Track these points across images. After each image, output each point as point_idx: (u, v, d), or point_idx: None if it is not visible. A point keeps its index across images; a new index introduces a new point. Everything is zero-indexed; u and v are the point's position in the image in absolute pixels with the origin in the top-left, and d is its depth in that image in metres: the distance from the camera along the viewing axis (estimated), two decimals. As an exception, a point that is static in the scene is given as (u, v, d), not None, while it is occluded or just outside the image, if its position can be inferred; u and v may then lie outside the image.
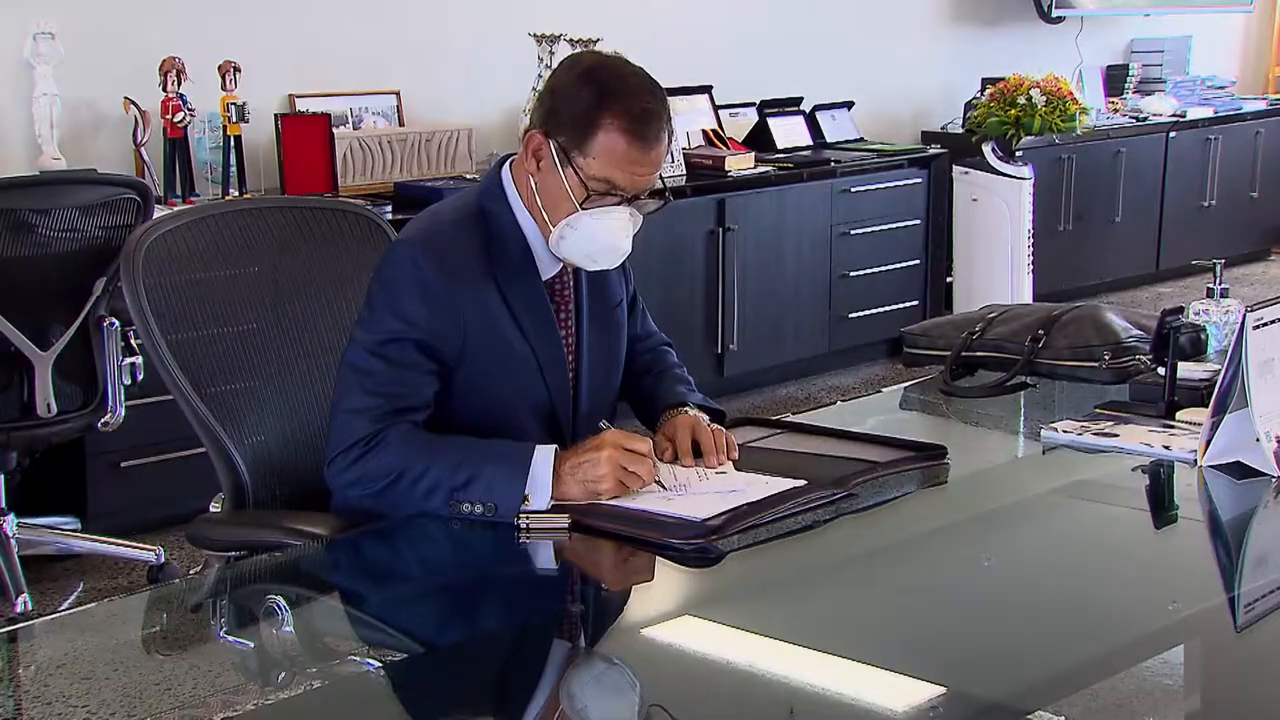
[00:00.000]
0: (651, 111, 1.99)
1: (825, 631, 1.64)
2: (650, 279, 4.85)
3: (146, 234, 2.16)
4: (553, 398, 2.09)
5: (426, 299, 1.98)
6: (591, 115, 1.97)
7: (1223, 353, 2.33)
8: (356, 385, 1.98)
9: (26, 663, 1.64)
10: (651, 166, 2.01)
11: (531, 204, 2.06)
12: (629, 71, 2.03)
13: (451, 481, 1.90)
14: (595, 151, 1.98)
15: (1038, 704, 1.45)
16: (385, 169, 4.62)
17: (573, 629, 1.73)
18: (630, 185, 2.01)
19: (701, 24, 5.78)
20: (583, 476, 1.90)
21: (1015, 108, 5.62)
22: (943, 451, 2.14)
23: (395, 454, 1.93)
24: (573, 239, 2.03)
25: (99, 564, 3.76)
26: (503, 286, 2.04)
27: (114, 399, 3.43)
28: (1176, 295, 6.81)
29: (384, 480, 1.93)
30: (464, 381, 2.03)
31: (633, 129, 1.97)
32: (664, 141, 2.01)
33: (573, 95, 2.00)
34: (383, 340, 1.98)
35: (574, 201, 2.00)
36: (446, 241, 2.04)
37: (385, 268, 2.03)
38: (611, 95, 1.98)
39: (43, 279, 3.31)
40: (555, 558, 1.90)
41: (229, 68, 4.33)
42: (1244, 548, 1.96)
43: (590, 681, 1.54)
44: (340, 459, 1.96)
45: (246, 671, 1.59)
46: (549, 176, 2.02)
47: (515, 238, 2.07)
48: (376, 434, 1.94)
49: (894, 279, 5.75)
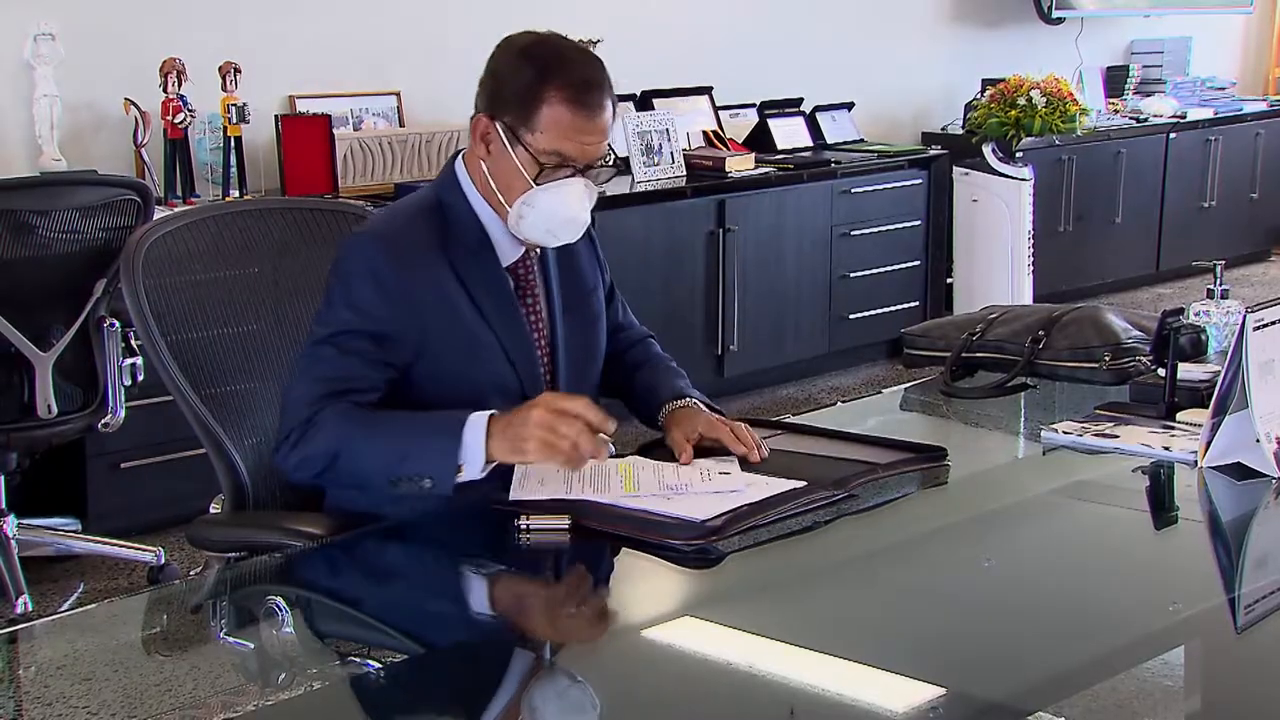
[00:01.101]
0: (593, 80, 2.03)
1: (825, 632, 1.64)
2: (650, 279, 4.86)
3: (147, 235, 2.16)
4: (524, 384, 2.09)
5: (380, 289, 2.00)
6: (534, 90, 2.01)
7: (1223, 354, 2.33)
8: (303, 373, 2.00)
9: (27, 664, 1.64)
10: (599, 134, 2.04)
11: (486, 190, 2.08)
12: (566, 45, 2.08)
13: (387, 458, 1.91)
14: (542, 126, 2.01)
15: (1038, 705, 1.45)
16: (386, 170, 4.62)
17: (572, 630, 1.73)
18: (580, 155, 2.03)
19: (702, 25, 5.78)
20: (511, 435, 1.89)
21: (1015, 109, 5.62)
22: (943, 452, 2.14)
23: (331, 435, 1.94)
24: (531, 216, 2.04)
25: (99, 565, 3.76)
26: (461, 273, 2.06)
27: (114, 400, 3.43)
28: (1177, 296, 6.81)
29: (323, 462, 1.95)
30: (429, 370, 2.04)
31: (576, 98, 2.00)
32: (608, 109, 2.04)
33: (513, 74, 2.03)
34: (335, 331, 2.00)
35: (527, 178, 2.02)
36: (400, 232, 2.06)
37: (339, 261, 2.05)
38: (551, 68, 2.01)
39: (43, 280, 3.31)
40: (555, 559, 1.89)
41: (229, 69, 4.33)
42: (1244, 549, 1.95)
43: (554, 698, 1.52)
44: (285, 444, 1.98)
45: (247, 672, 1.59)
46: (500, 158, 2.04)
47: (472, 226, 2.09)
48: (313, 415, 1.96)
49: (894, 280, 5.75)
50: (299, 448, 1.96)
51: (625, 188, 4.96)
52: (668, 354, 2.35)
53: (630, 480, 1.97)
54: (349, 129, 4.67)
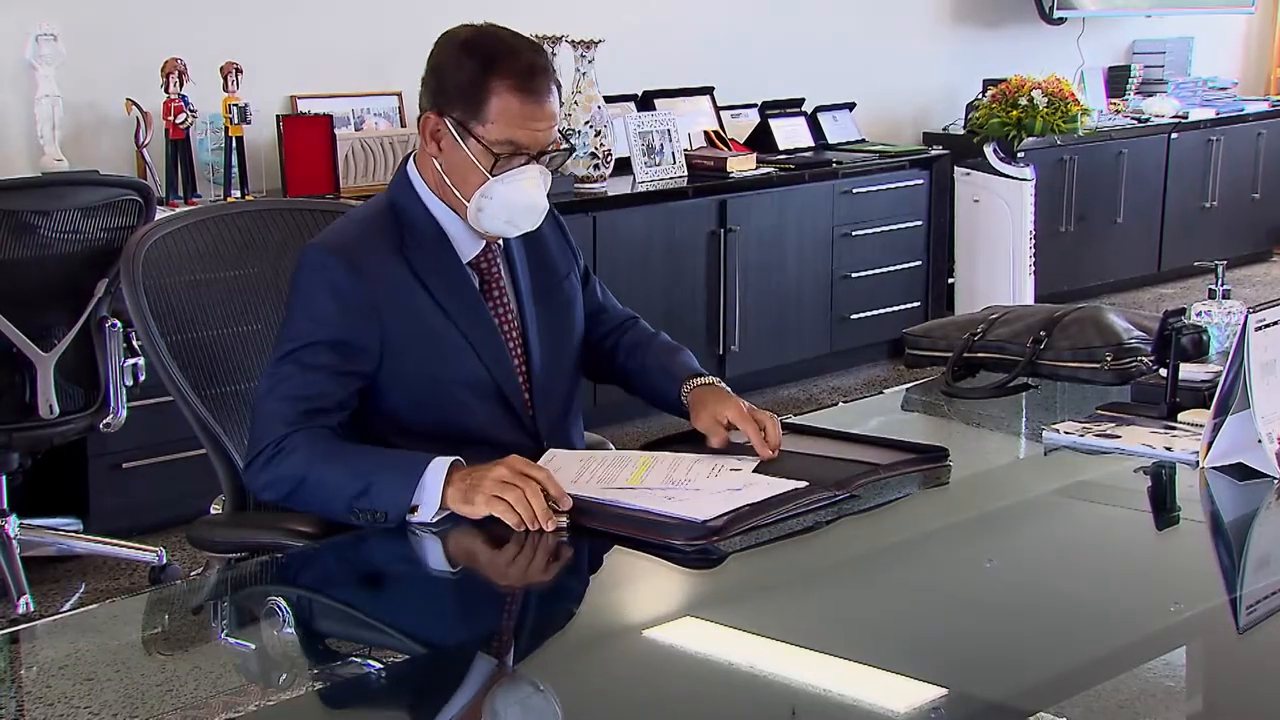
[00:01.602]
0: (537, 65, 2.04)
1: (827, 632, 1.63)
2: (651, 280, 4.86)
3: (148, 235, 2.17)
4: (495, 377, 2.09)
5: (336, 297, 2.00)
6: (479, 82, 2.02)
7: (1224, 354, 2.33)
8: (269, 391, 2.00)
9: (28, 664, 1.64)
10: (549, 120, 2.05)
11: (440, 188, 2.08)
12: (506, 34, 2.08)
13: (348, 489, 1.91)
14: (491, 117, 2.02)
15: (1039, 705, 1.45)
16: (387, 170, 4.61)
17: (573, 630, 1.73)
18: (532, 142, 2.04)
19: (703, 25, 5.78)
20: (465, 486, 1.87)
21: (1017, 109, 5.61)
22: (944, 453, 2.14)
23: (299, 460, 1.95)
24: (490, 208, 2.05)
25: (100, 565, 3.76)
26: (421, 274, 2.06)
27: (116, 400, 3.43)
28: (1178, 296, 6.80)
29: (289, 485, 1.95)
30: (395, 372, 2.04)
31: (522, 85, 2.01)
32: (554, 93, 2.06)
33: (456, 68, 2.04)
34: (295, 346, 2.00)
35: (483, 170, 2.03)
36: (353, 239, 2.06)
37: (296, 273, 2.05)
38: (494, 59, 2.02)
39: (45, 280, 3.31)
40: (556, 559, 1.89)
41: (231, 69, 4.33)
42: (1246, 549, 1.95)
43: (514, 706, 1.52)
44: (255, 462, 1.98)
45: (248, 673, 1.59)
46: (452, 154, 2.05)
47: (428, 226, 2.09)
48: (284, 437, 1.96)
49: (895, 280, 5.75)
50: (268, 468, 1.96)
51: (627, 188, 4.97)
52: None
53: (640, 474, 1.98)
54: (350, 129, 4.67)
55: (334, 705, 1.50)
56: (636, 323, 2.37)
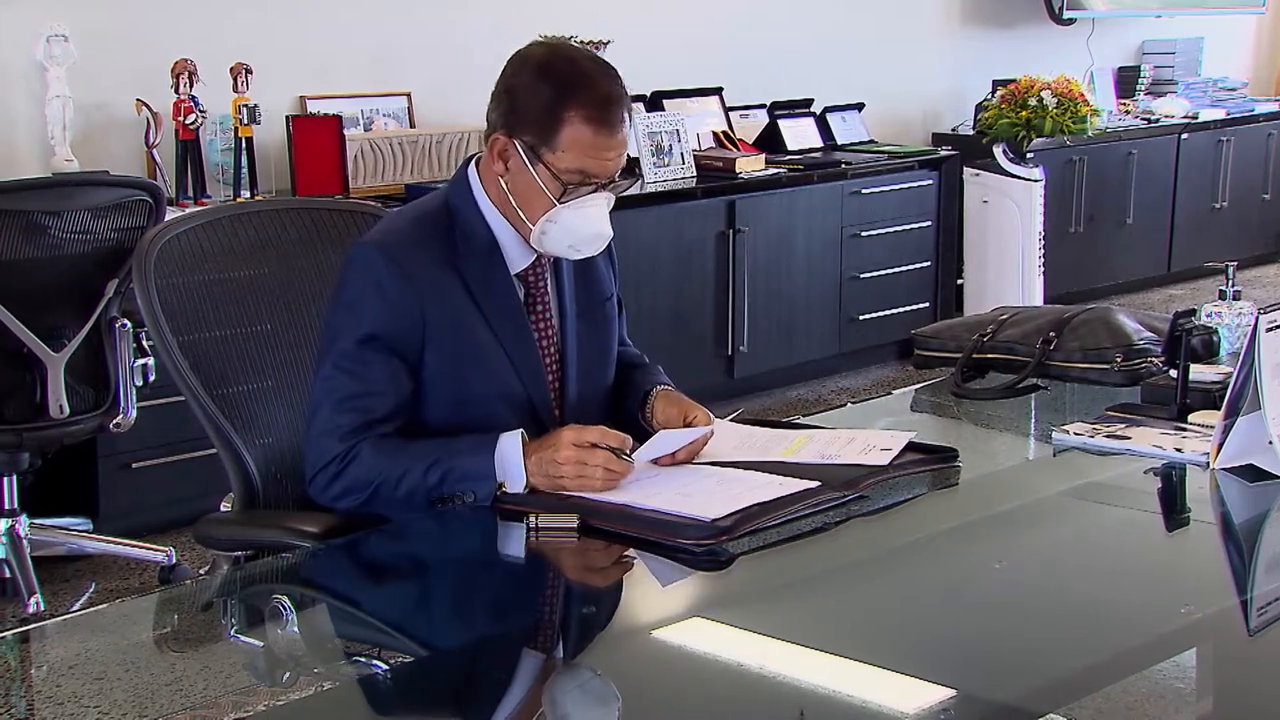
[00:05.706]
0: (612, 96, 2.01)
1: (836, 633, 1.63)
2: (660, 281, 4.85)
3: (158, 235, 2.17)
4: (530, 392, 2.09)
5: (383, 297, 2.00)
6: (554, 110, 1.99)
7: (1235, 355, 2.32)
8: (325, 403, 2.00)
9: (39, 663, 1.64)
10: (619, 149, 2.03)
11: (503, 204, 2.06)
12: (582, 59, 2.05)
13: (425, 483, 1.94)
14: (563, 145, 1.99)
15: (1049, 706, 1.45)
16: (396, 171, 4.62)
17: (582, 631, 1.73)
18: (603, 171, 2.03)
19: (712, 25, 5.78)
20: (545, 471, 1.93)
21: (1026, 109, 5.61)
22: (954, 454, 2.13)
23: (369, 466, 1.96)
24: (555, 233, 2.04)
25: (110, 565, 3.77)
26: (468, 280, 2.05)
27: (126, 400, 3.44)
28: (1188, 297, 6.79)
29: (363, 493, 1.97)
30: (431, 377, 2.03)
31: (597, 116, 1.99)
32: (627, 122, 2.03)
33: (531, 93, 2.01)
34: (345, 351, 2.00)
35: (550, 197, 2.02)
36: (404, 239, 2.05)
37: (343, 271, 2.05)
38: (570, 87, 1.99)
39: (55, 280, 3.32)
40: (564, 559, 1.90)
41: (240, 69, 4.34)
42: (1256, 551, 1.95)
43: (573, 692, 1.53)
44: (320, 477, 1.99)
45: (258, 672, 1.59)
46: (519, 176, 2.03)
47: (482, 233, 2.07)
48: (348, 450, 1.97)
49: (905, 281, 5.74)
50: (337, 481, 1.98)
51: (635, 189, 4.95)
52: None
53: (795, 449, 2.06)
54: (360, 130, 4.68)
55: (344, 705, 1.50)
56: (644, 364, 2.31)
